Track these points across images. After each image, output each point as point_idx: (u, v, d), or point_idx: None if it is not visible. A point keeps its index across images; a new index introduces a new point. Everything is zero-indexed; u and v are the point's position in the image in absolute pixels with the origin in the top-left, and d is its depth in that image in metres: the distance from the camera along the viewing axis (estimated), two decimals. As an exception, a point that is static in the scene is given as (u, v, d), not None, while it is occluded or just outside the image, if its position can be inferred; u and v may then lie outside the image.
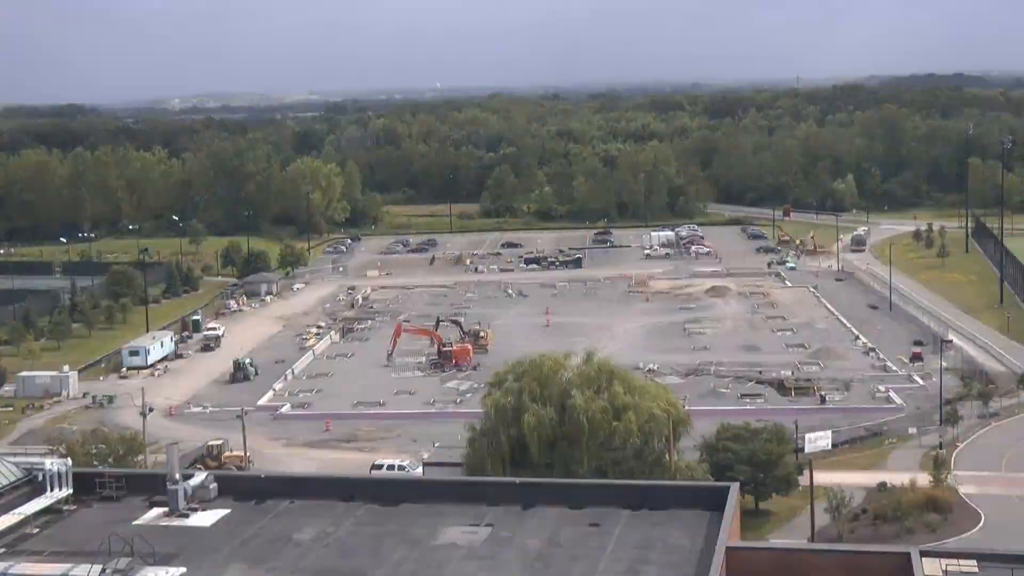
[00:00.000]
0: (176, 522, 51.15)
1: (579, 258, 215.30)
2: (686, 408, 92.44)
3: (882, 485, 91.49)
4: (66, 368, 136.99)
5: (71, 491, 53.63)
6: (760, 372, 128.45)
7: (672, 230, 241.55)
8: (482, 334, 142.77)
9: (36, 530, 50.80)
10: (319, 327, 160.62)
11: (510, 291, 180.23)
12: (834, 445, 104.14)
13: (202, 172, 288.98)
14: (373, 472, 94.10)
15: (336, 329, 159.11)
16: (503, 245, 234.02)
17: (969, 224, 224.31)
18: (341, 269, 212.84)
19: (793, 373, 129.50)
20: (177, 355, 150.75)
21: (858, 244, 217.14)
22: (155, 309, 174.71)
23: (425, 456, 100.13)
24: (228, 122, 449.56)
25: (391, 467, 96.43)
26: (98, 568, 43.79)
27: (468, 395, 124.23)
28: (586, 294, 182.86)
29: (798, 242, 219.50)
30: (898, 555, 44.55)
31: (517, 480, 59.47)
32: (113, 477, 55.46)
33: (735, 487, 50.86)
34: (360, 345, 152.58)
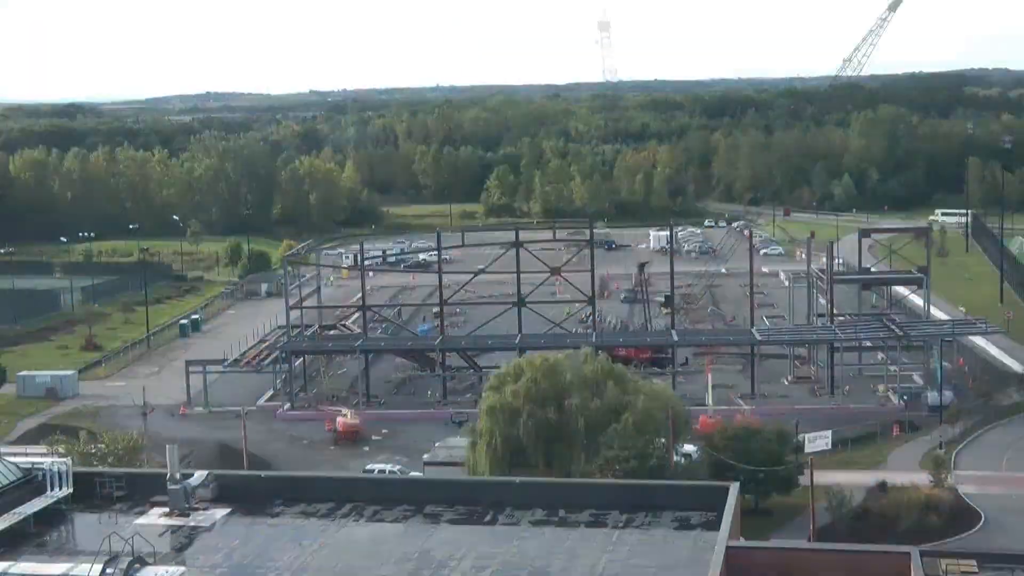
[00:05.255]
0: (176, 522, 51.19)
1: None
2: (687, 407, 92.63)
3: (882, 485, 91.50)
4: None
5: (71, 491, 53.67)
6: None
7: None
8: None
9: (36, 530, 50.83)
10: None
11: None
12: (834, 445, 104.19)
13: (202, 172, 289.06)
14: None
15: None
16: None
17: (969, 224, 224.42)
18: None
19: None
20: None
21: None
22: (155, 309, 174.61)
23: (425, 456, 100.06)
24: (228, 121, 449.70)
25: (382, 472, 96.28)
26: (98, 568, 43.82)
27: (468, 395, 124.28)
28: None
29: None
30: (898, 555, 44.58)
31: (517, 480, 59.53)
32: (113, 477, 55.53)
33: (735, 486, 50.89)
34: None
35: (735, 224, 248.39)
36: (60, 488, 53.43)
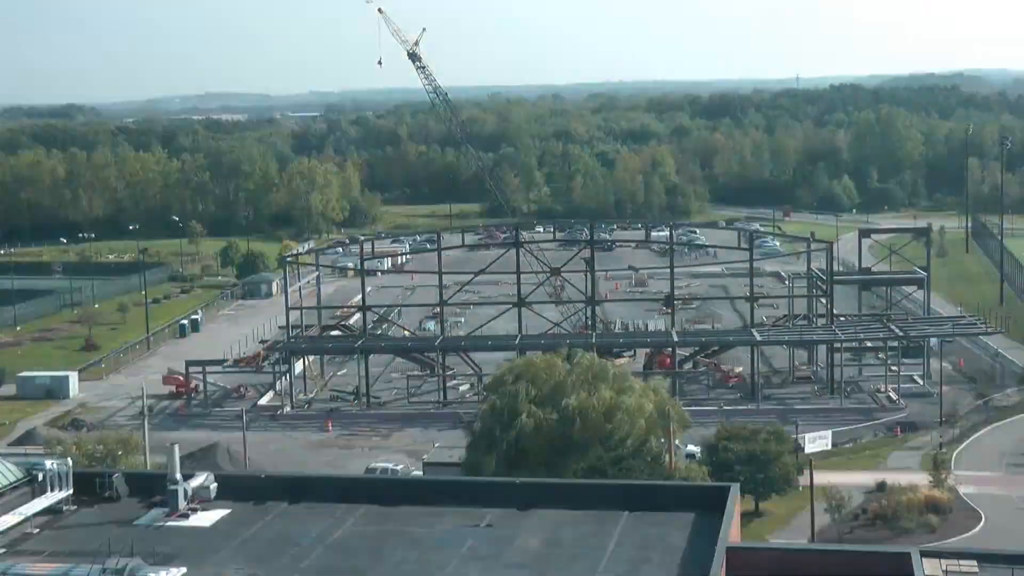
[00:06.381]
0: (176, 522, 51.15)
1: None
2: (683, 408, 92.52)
3: (882, 485, 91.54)
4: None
5: (71, 491, 53.63)
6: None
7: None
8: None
9: (36, 530, 50.78)
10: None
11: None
12: (834, 445, 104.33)
13: (201, 172, 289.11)
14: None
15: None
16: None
17: (969, 224, 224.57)
18: None
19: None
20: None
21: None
22: (154, 308, 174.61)
23: (425, 457, 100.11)
24: (227, 122, 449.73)
25: (384, 471, 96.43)
26: (98, 568, 43.74)
27: (468, 395, 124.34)
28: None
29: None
30: (898, 555, 44.54)
31: (516, 480, 59.45)
32: (113, 477, 55.44)
33: (735, 487, 50.85)
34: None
35: (735, 224, 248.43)
36: (60, 488, 53.38)
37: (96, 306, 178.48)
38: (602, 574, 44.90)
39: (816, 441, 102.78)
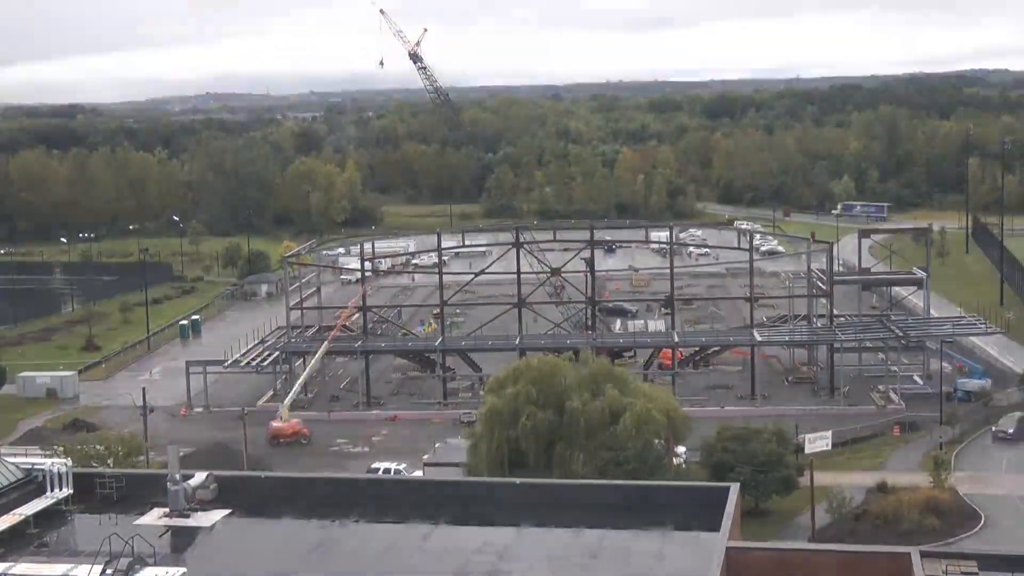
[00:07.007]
0: (176, 522, 51.18)
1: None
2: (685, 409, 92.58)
3: (882, 485, 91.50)
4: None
5: (71, 491, 53.66)
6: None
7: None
8: None
9: (36, 530, 50.81)
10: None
11: None
12: (834, 445, 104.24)
13: (202, 172, 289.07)
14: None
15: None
16: None
17: (969, 224, 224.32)
18: None
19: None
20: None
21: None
22: (155, 309, 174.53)
23: (425, 457, 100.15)
24: (228, 122, 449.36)
25: (387, 471, 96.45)
26: (98, 568, 43.79)
27: (469, 396, 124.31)
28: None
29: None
30: (898, 556, 44.57)
31: (517, 481, 59.53)
32: (113, 477, 55.51)
33: (735, 487, 50.89)
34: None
35: (736, 224, 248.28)
36: (60, 489, 53.42)
37: (95, 304, 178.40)
38: (602, 573, 44.91)
39: (816, 441, 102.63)
